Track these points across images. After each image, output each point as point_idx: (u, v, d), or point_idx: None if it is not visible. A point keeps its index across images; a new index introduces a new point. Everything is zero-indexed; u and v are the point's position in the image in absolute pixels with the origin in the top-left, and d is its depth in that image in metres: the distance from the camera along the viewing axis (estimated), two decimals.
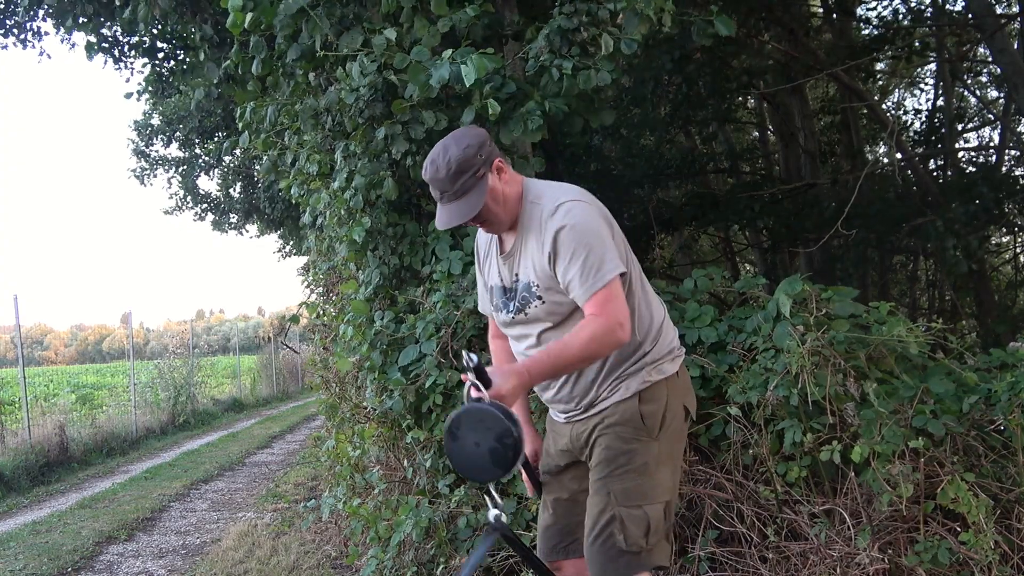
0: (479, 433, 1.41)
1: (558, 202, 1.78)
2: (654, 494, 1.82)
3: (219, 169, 13.48)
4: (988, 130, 11.04)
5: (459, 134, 1.83)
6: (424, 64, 3.06)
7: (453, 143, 1.79)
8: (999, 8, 8.39)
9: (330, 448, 5.11)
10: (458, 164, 1.76)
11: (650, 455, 1.82)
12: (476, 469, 1.45)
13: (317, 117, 3.81)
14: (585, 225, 1.74)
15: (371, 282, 3.77)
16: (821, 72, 6.74)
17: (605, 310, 1.68)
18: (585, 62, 3.18)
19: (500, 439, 1.40)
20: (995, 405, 2.57)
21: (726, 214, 7.53)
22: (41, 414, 9.06)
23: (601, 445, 1.86)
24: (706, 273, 3.31)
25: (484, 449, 1.41)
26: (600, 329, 1.66)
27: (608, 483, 1.82)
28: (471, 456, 1.43)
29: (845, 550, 2.51)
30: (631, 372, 1.85)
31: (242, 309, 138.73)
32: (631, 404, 1.83)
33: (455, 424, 1.43)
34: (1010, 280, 10.30)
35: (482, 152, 1.78)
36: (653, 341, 1.87)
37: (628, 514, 1.79)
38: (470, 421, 1.43)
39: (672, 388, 1.88)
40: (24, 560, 4.69)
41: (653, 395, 1.85)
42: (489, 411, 1.42)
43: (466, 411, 1.44)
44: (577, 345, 1.66)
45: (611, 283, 1.70)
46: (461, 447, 1.43)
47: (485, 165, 1.79)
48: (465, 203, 1.78)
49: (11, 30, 6.67)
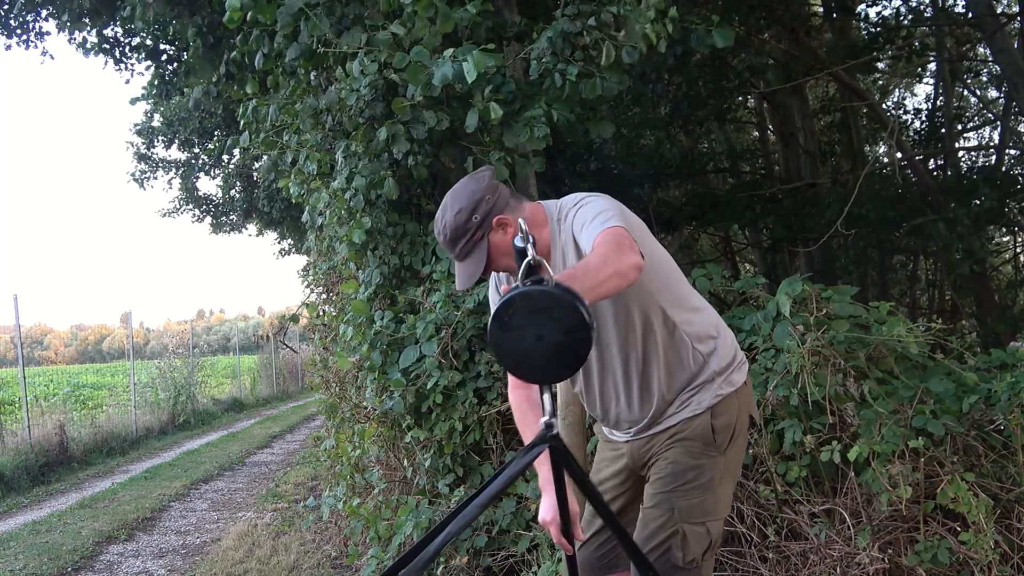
0: (542, 324, 1.11)
1: (576, 201, 1.73)
2: (717, 510, 1.76)
3: (219, 169, 13.47)
4: (988, 130, 11.05)
5: (457, 192, 1.74)
6: (425, 64, 3.06)
7: (449, 206, 1.72)
8: (999, 8, 8.38)
9: (330, 448, 5.12)
10: (452, 232, 1.71)
11: (717, 470, 1.76)
12: (535, 367, 1.14)
13: (317, 116, 3.81)
14: (598, 200, 1.69)
15: (371, 282, 3.77)
16: (821, 72, 6.73)
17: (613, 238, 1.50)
18: (588, 68, 3.17)
19: (571, 332, 1.11)
20: (995, 405, 2.57)
21: (726, 214, 7.53)
22: (41, 414, 9.06)
23: (667, 459, 1.79)
24: (706, 273, 3.31)
25: (548, 344, 1.11)
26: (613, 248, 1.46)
27: (672, 498, 1.75)
28: (529, 351, 1.13)
29: (845, 550, 2.51)
30: (702, 385, 1.78)
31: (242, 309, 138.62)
32: (703, 419, 1.76)
33: (508, 310, 1.12)
34: (1010, 280, 10.29)
35: (477, 213, 1.70)
36: (719, 350, 1.80)
37: (691, 530, 1.73)
38: (531, 308, 1.12)
39: (742, 399, 1.81)
40: (24, 560, 4.69)
41: (725, 408, 1.77)
42: (560, 297, 1.11)
43: (527, 294, 1.12)
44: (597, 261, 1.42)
45: (620, 228, 1.54)
46: (515, 340, 1.12)
47: (482, 227, 1.71)
48: (469, 265, 1.72)
49: (14, 31, 6.68)
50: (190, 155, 12.77)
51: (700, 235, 10.68)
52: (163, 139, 12.25)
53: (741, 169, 10.15)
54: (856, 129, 8.78)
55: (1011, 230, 9.48)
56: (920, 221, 6.58)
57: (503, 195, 1.75)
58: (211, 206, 14.81)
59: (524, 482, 3.23)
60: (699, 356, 1.77)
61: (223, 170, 13.46)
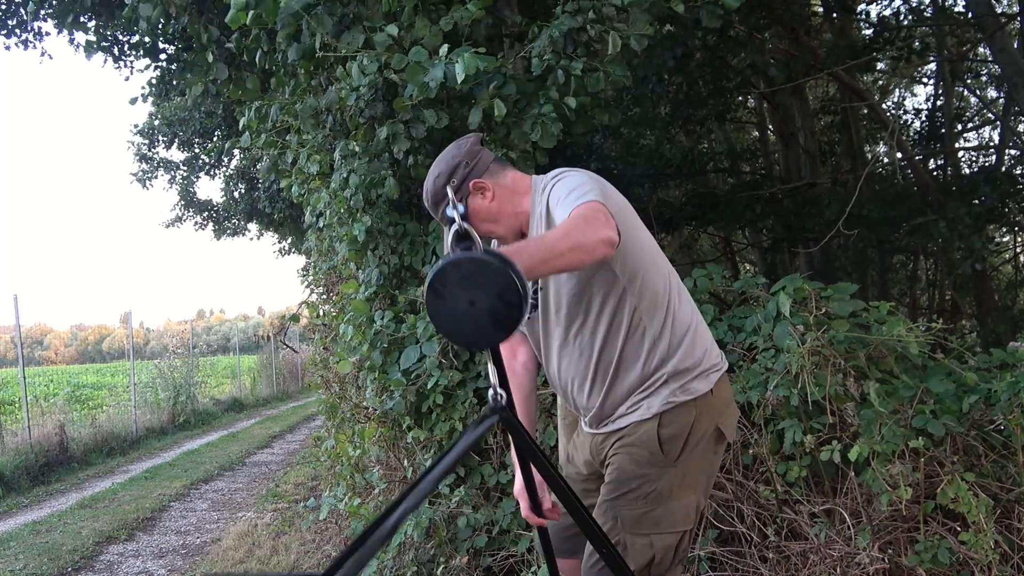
0: (474, 290, 1.13)
1: (555, 175, 1.70)
2: (665, 523, 1.68)
3: (220, 170, 13.46)
4: (988, 130, 11.06)
5: (439, 157, 1.76)
6: (422, 64, 3.06)
7: (432, 171, 1.75)
8: (999, 8, 8.38)
9: (330, 448, 5.12)
10: (432, 196, 1.73)
11: (663, 482, 1.69)
12: (469, 334, 1.16)
13: (317, 116, 3.81)
14: (576, 174, 1.65)
15: (371, 282, 3.77)
16: (821, 71, 6.74)
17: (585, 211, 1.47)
18: (592, 63, 3.17)
19: (502, 295, 1.12)
20: (995, 405, 2.56)
21: (726, 214, 7.53)
22: (41, 414, 9.06)
23: (615, 464, 1.74)
24: (706, 272, 3.31)
25: (482, 309, 1.13)
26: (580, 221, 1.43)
27: (616, 506, 1.71)
28: (463, 318, 1.14)
29: (845, 550, 2.51)
30: (654, 389, 1.70)
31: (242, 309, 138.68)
32: (650, 426, 1.69)
33: (440, 278, 1.13)
34: (1010, 280, 10.31)
35: (454, 179, 1.71)
36: (681, 354, 1.71)
37: (633, 542, 1.68)
38: (460, 274, 1.13)
39: (703, 409, 1.71)
40: (24, 560, 4.69)
41: (675, 417, 1.69)
42: (486, 261, 1.13)
43: (454, 262, 1.13)
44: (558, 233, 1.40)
45: (595, 202, 1.50)
46: (450, 308, 1.14)
47: (459, 192, 1.72)
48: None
49: (13, 31, 6.67)
50: (190, 155, 12.77)
51: (700, 235, 10.68)
52: (163, 139, 12.25)
53: (741, 169, 10.15)
54: (856, 129, 8.78)
55: (1011, 230, 9.49)
56: (920, 221, 6.58)
57: (484, 160, 1.75)
58: (212, 211, 14.79)
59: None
60: (656, 356, 1.70)
61: (224, 170, 13.46)
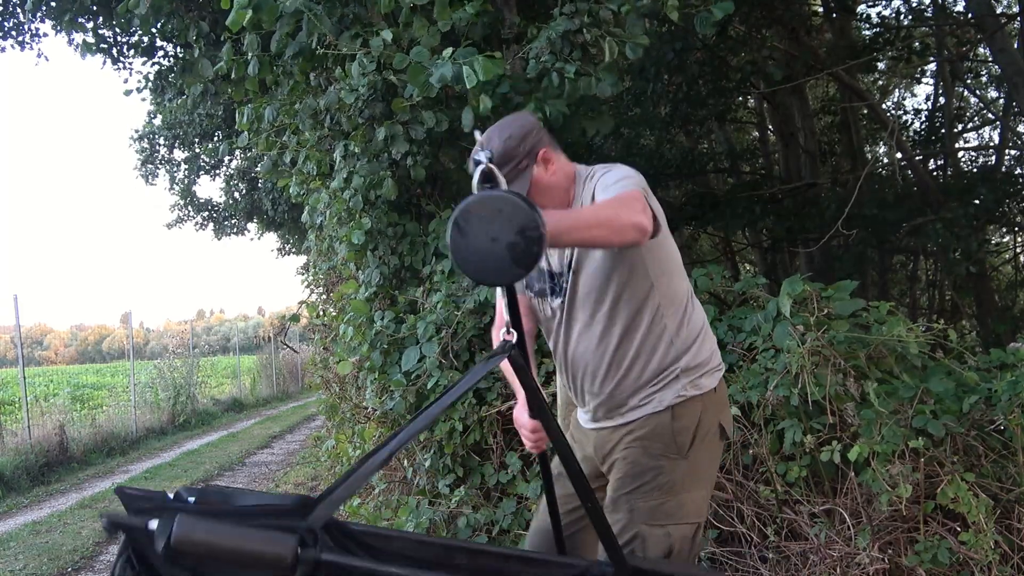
0: (496, 225, 1.17)
1: (605, 168, 1.75)
2: (680, 514, 1.74)
3: (221, 170, 13.46)
4: (988, 130, 11.05)
5: (505, 122, 1.76)
6: (424, 64, 3.06)
7: (497, 133, 1.73)
8: (999, 8, 8.38)
9: (330, 448, 5.12)
10: (500, 156, 1.68)
11: (677, 473, 1.74)
12: (490, 270, 1.20)
13: (316, 116, 3.81)
14: (625, 168, 1.71)
15: (371, 282, 3.77)
16: (821, 72, 6.74)
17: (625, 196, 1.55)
18: (587, 68, 3.17)
19: (523, 232, 1.16)
20: (995, 405, 2.56)
21: (726, 214, 7.53)
22: (41, 414, 9.06)
23: (627, 459, 1.77)
24: (706, 273, 3.31)
25: (502, 245, 1.17)
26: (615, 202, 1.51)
27: (632, 499, 1.74)
28: (485, 254, 1.18)
29: (845, 550, 2.51)
30: (667, 383, 1.76)
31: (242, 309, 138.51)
32: (663, 418, 1.74)
33: (464, 215, 1.17)
34: (1010, 280, 10.30)
35: (525, 144, 1.72)
36: (693, 352, 1.79)
37: (651, 533, 1.71)
38: (484, 211, 1.17)
39: (708, 405, 1.79)
40: (24, 560, 4.69)
41: (687, 411, 1.75)
42: (508, 199, 1.18)
43: (480, 199, 1.18)
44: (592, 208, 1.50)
45: (637, 191, 1.57)
46: (471, 244, 1.18)
47: (528, 157, 1.73)
48: None
49: (9, 32, 6.66)
50: (191, 155, 12.76)
51: (700, 235, 10.68)
52: (164, 141, 12.25)
53: (741, 169, 10.15)
54: (856, 129, 8.78)
55: (1011, 230, 9.49)
56: (920, 221, 6.58)
57: (546, 135, 1.80)
58: (213, 211, 14.78)
59: (524, 482, 3.23)
60: (672, 352, 1.76)
61: (224, 170, 13.46)
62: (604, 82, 3.14)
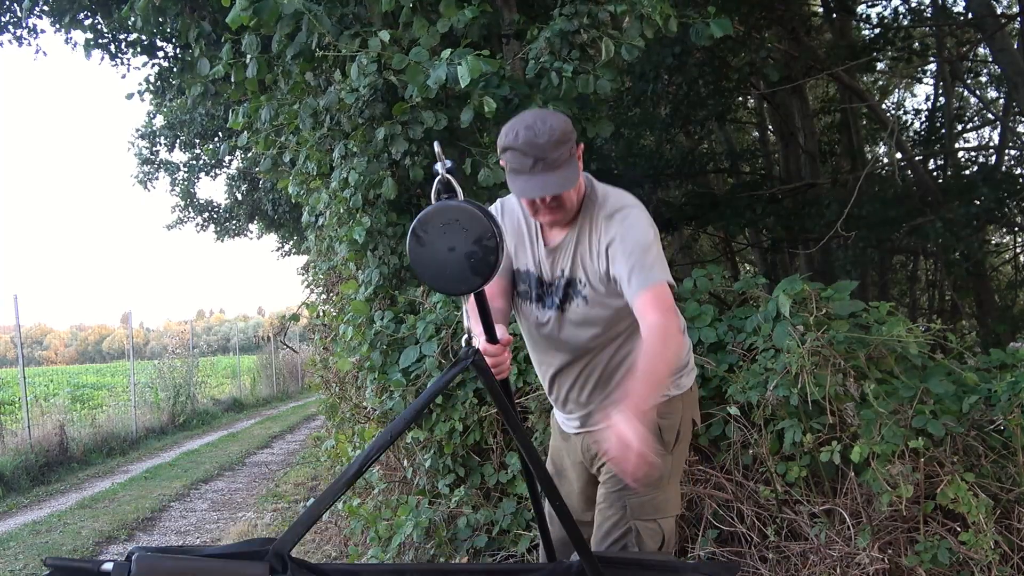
0: (453, 235, 1.18)
1: (622, 205, 1.74)
2: (667, 508, 1.82)
3: (220, 170, 13.45)
4: (988, 130, 11.05)
5: (548, 115, 1.71)
6: (422, 65, 3.06)
7: (549, 115, 1.69)
8: (999, 8, 8.38)
9: (330, 448, 5.11)
10: (562, 133, 1.64)
11: (665, 469, 1.81)
12: (449, 279, 1.23)
13: (316, 116, 3.81)
14: (645, 232, 1.70)
15: (371, 282, 3.77)
16: (821, 72, 6.74)
17: (661, 306, 1.58)
18: (585, 66, 3.18)
19: (479, 241, 1.17)
20: (995, 405, 2.56)
21: (726, 214, 7.53)
22: (41, 414, 9.05)
23: None
24: (706, 273, 3.30)
25: (460, 254, 1.18)
26: (664, 330, 1.56)
27: (624, 496, 1.80)
28: (443, 263, 1.20)
29: (845, 550, 2.51)
30: None
31: (242, 309, 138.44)
32: (650, 417, 1.77)
33: (422, 224, 1.19)
34: (1010, 280, 10.30)
35: (573, 130, 1.71)
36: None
37: (644, 527, 1.78)
38: (442, 221, 1.19)
39: (687, 402, 1.89)
40: (24, 560, 4.69)
41: (670, 409, 1.84)
42: (465, 209, 1.18)
43: (438, 209, 1.19)
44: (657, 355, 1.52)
45: (664, 284, 1.62)
46: (430, 253, 1.20)
47: (577, 145, 1.71)
48: (562, 174, 1.65)
49: (6, 27, 6.65)
50: (191, 155, 12.75)
51: (700, 235, 10.68)
52: (165, 142, 12.23)
53: (741, 169, 10.15)
54: (856, 129, 8.78)
55: (1011, 230, 9.49)
56: (920, 221, 6.58)
57: None
58: (214, 212, 14.75)
59: (524, 483, 3.23)
60: None
61: (225, 171, 13.45)
62: (603, 79, 3.15)
